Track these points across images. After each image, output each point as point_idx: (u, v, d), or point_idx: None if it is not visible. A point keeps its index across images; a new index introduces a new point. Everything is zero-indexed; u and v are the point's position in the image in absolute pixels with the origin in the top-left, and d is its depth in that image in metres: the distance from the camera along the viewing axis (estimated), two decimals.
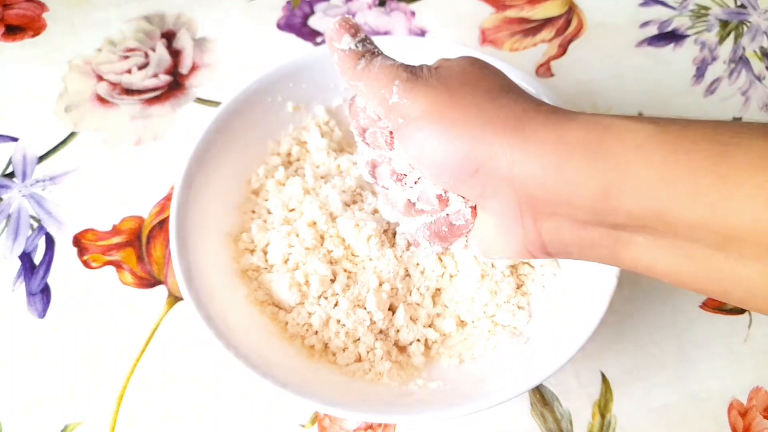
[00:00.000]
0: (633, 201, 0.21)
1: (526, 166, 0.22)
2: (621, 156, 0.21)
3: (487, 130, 0.23)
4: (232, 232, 0.36)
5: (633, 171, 0.20)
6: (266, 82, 0.37)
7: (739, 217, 0.18)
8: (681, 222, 0.20)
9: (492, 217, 0.26)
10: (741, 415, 0.36)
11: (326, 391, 0.30)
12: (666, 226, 0.21)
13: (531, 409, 0.35)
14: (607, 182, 0.21)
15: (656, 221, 0.21)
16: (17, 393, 0.35)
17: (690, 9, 0.53)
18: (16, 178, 0.42)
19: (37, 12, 0.50)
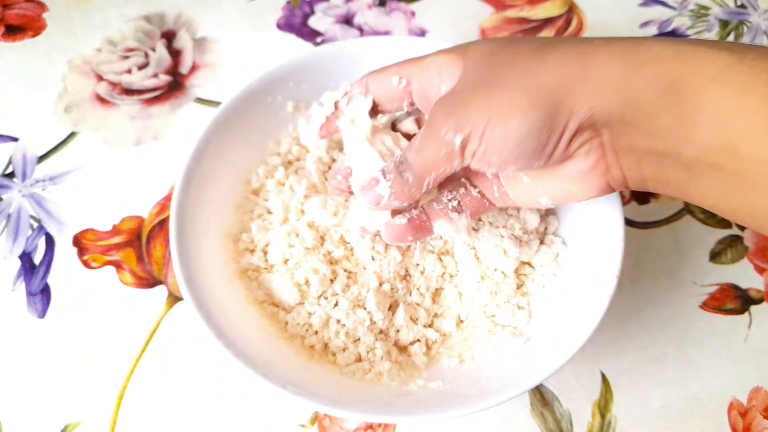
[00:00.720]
0: (708, 133, 0.21)
1: (605, 108, 0.23)
2: (696, 88, 0.21)
3: (555, 92, 0.23)
4: (232, 232, 0.36)
5: (708, 104, 0.20)
6: (266, 82, 0.37)
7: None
8: (752, 158, 0.20)
9: (575, 163, 0.25)
10: (741, 415, 0.36)
11: (326, 391, 0.30)
12: (738, 162, 0.20)
13: (531, 409, 0.35)
14: (684, 115, 0.21)
15: (729, 156, 0.21)
16: (17, 393, 0.35)
17: (690, 9, 0.53)
18: (16, 178, 0.42)
19: (37, 12, 0.50)
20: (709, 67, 0.20)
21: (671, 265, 0.40)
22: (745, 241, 0.41)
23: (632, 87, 0.22)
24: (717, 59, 0.20)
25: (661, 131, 0.22)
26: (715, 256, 0.41)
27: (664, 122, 0.22)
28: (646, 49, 0.22)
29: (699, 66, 0.20)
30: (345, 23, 0.50)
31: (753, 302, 0.39)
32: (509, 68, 0.24)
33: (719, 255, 0.41)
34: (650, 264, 0.40)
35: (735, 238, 0.42)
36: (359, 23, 0.50)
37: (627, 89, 0.22)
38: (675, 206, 0.43)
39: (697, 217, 0.42)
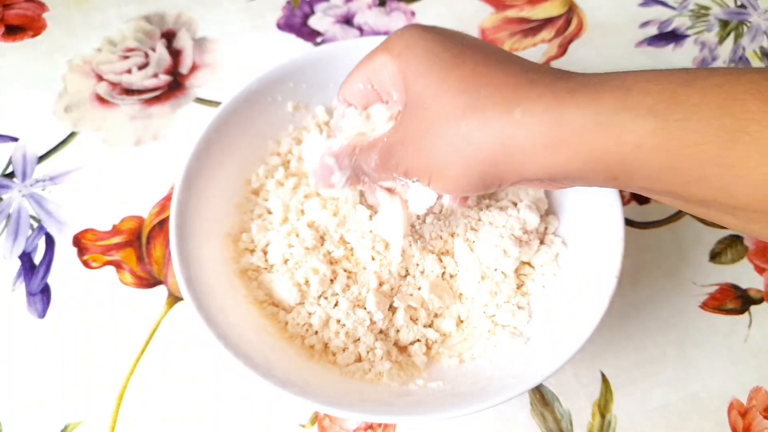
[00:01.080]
0: (646, 184, 0.22)
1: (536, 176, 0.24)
2: (624, 155, 0.21)
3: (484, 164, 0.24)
4: (232, 232, 0.36)
5: (639, 165, 0.21)
6: (266, 82, 0.37)
7: (744, 195, 0.20)
8: (693, 198, 0.21)
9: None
10: (741, 415, 0.36)
11: (326, 391, 0.30)
12: (680, 197, 0.22)
13: (531, 409, 0.35)
14: (615, 173, 0.22)
15: (670, 194, 0.22)
16: (17, 393, 0.35)
17: (690, 9, 0.53)
18: (16, 178, 0.42)
19: (37, 12, 0.50)
20: (634, 137, 0.20)
21: (671, 265, 0.40)
22: (745, 241, 0.41)
23: (556, 164, 0.22)
24: (642, 127, 0.20)
25: (603, 185, 0.23)
26: (715, 256, 0.41)
27: (602, 183, 0.23)
28: (569, 123, 0.22)
29: (624, 137, 0.21)
30: (345, 23, 0.50)
31: (753, 302, 0.39)
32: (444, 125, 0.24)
33: (719, 255, 0.41)
34: (650, 264, 0.40)
35: (735, 238, 0.42)
36: (359, 23, 0.51)
37: (553, 166, 0.23)
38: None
39: (696, 217, 0.42)
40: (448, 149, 0.24)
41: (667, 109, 0.20)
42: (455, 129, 0.24)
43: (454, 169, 0.25)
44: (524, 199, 0.36)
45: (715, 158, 0.19)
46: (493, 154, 0.23)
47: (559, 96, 0.22)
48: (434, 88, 0.25)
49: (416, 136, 0.25)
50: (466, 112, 0.24)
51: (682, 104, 0.20)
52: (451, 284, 0.35)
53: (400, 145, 0.26)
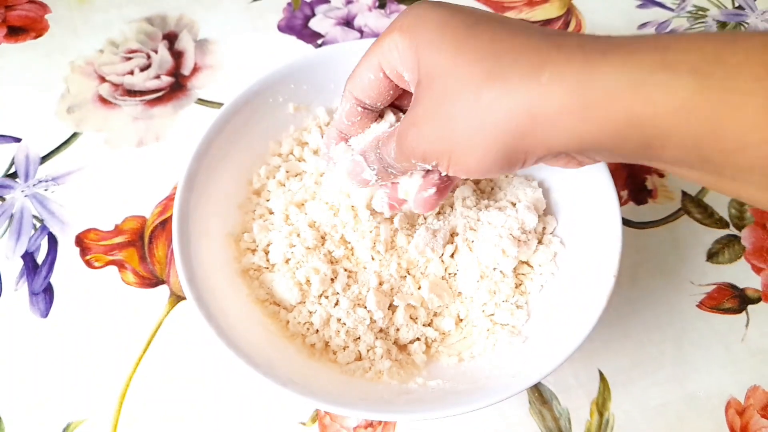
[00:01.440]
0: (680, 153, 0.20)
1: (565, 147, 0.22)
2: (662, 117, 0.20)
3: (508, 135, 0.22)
4: (234, 232, 0.37)
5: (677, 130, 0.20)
6: (267, 83, 0.37)
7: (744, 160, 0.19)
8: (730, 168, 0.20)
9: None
10: (738, 413, 0.36)
11: (327, 390, 0.30)
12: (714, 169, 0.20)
13: (530, 407, 0.36)
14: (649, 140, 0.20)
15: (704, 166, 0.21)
16: (20, 392, 0.35)
17: (688, 10, 0.53)
18: (18, 179, 0.42)
19: (39, 13, 0.50)
20: (670, 98, 0.19)
21: (669, 265, 0.41)
22: (742, 241, 0.42)
23: (587, 131, 0.21)
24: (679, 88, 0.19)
25: (632, 156, 0.22)
26: (713, 255, 0.41)
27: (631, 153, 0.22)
28: (601, 84, 0.20)
29: (659, 98, 0.19)
30: (345, 25, 0.51)
31: (750, 302, 0.40)
32: (463, 95, 0.22)
33: (716, 255, 0.41)
34: (648, 263, 0.41)
35: (732, 237, 0.42)
36: (359, 25, 0.51)
37: (583, 134, 0.21)
38: (672, 206, 0.43)
39: (694, 217, 0.43)
40: (468, 123, 0.22)
41: (710, 66, 0.19)
42: (475, 99, 0.22)
43: (475, 146, 0.23)
44: (523, 200, 0.36)
45: (762, 122, 0.18)
46: (519, 124, 0.21)
47: (590, 57, 0.20)
48: (450, 58, 0.23)
49: (431, 113, 0.23)
50: (488, 79, 0.22)
51: (725, 63, 0.18)
52: (451, 283, 0.35)
53: (414, 126, 0.24)
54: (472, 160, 0.23)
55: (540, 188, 0.37)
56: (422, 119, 0.24)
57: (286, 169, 0.38)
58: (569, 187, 0.37)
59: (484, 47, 0.22)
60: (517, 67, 0.21)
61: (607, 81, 0.20)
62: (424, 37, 0.24)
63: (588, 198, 0.35)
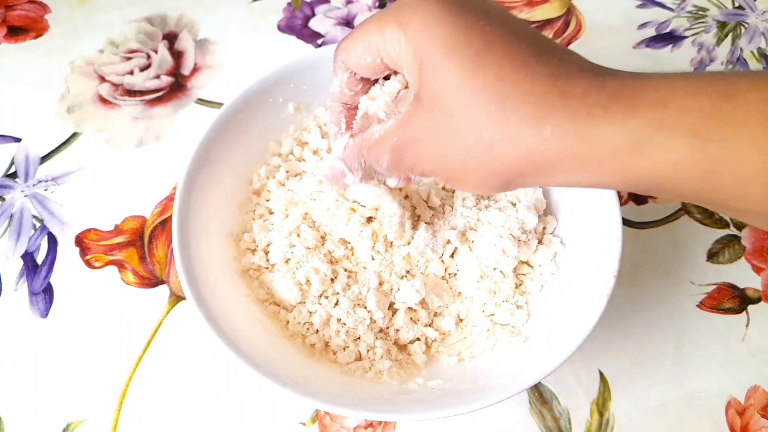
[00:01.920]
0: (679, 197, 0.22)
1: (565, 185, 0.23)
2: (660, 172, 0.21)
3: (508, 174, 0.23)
4: (234, 232, 0.37)
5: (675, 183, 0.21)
6: (267, 83, 0.37)
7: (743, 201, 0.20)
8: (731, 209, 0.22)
9: None
10: (739, 414, 0.36)
11: (327, 390, 0.30)
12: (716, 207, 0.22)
13: (530, 407, 0.36)
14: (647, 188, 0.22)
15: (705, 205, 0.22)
16: (20, 392, 0.35)
17: (688, 10, 0.53)
18: (18, 179, 0.42)
19: (39, 13, 0.50)
20: (668, 156, 0.20)
21: (669, 265, 0.41)
22: (742, 241, 0.42)
23: (585, 179, 0.22)
24: (677, 147, 0.20)
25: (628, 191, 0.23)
26: (713, 255, 0.41)
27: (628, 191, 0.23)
28: (602, 144, 0.21)
29: (658, 157, 0.20)
30: (345, 25, 0.51)
31: (751, 302, 0.40)
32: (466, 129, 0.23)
33: (717, 255, 0.41)
34: (648, 263, 0.41)
35: (732, 237, 0.42)
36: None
37: (581, 181, 0.22)
38: (672, 206, 0.43)
39: (694, 217, 0.43)
40: (469, 156, 0.23)
41: (708, 128, 0.19)
42: (478, 137, 0.22)
43: (475, 175, 0.24)
44: (523, 200, 0.36)
45: (758, 176, 0.19)
46: (518, 166, 0.22)
47: (592, 113, 0.21)
48: (455, 90, 0.23)
49: (433, 139, 0.24)
50: (491, 121, 0.22)
51: (723, 123, 0.19)
52: (451, 283, 0.35)
53: (413, 145, 0.25)
54: (471, 186, 0.24)
55: (540, 188, 0.37)
56: (423, 141, 0.24)
57: (286, 169, 0.38)
58: (569, 188, 0.36)
59: (489, 85, 0.22)
60: (519, 114, 0.21)
61: (608, 141, 0.20)
62: (431, 54, 0.23)
63: (588, 198, 0.35)
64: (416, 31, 0.23)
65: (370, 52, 0.26)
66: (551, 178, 0.22)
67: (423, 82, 0.24)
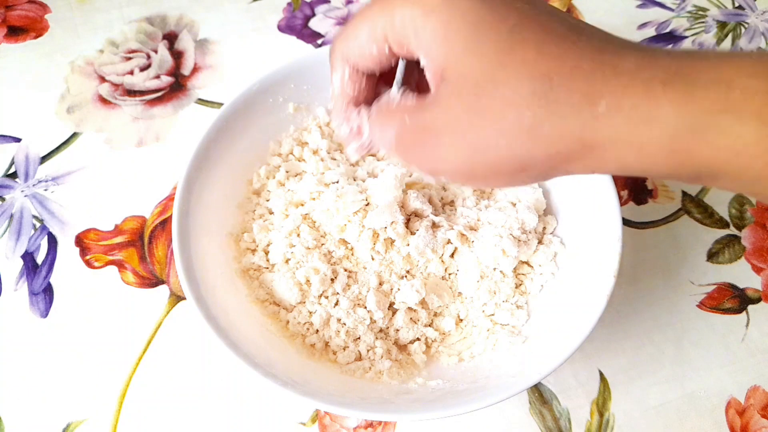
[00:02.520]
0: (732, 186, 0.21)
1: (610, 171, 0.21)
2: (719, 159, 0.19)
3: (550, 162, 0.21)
4: (234, 232, 0.37)
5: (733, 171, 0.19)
6: (267, 83, 0.37)
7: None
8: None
9: None
10: (739, 413, 0.36)
11: (327, 390, 0.30)
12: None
13: (530, 407, 0.36)
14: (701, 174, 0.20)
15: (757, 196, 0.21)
16: (20, 392, 0.35)
17: (688, 10, 0.53)
18: (18, 179, 0.42)
19: (39, 13, 0.50)
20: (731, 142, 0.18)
21: (669, 265, 0.41)
22: (742, 241, 0.42)
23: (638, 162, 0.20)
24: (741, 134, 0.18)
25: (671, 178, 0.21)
26: (713, 255, 0.41)
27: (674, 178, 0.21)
28: (661, 124, 0.19)
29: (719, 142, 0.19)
30: None
31: (751, 302, 0.40)
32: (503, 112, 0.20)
33: (716, 255, 0.41)
34: (648, 263, 0.41)
35: (732, 237, 0.42)
36: None
37: (633, 164, 0.20)
38: (672, 206, 0.43)
39: (694, 217, 0.43)
40: (504, 142, 0.20)
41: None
42: (518, 121, 0.20)
43: (509, 165, 0.21)
44: (523, 200, 0.36)
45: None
46: (567, 149, 0.20)
47: (650, 89, 0.19)
48: (490, 70, 0.20)
49: (459, 126, 0.21)
50: (534, 101, 0.20)
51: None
52: (451, 283, 0.35)
53: (430, 134, 0.22)
54: (500, 181, 0.22)
55: (540, 188, 0.37)
56: (445, 129, 0.22)
57: (286, 169, 0.38)
58: (569, 187, 0.37)
59: (530, 62, 0.20)
60: (569, 89, 0.20)
61: (667, 121, 0.19)
62: (458, 31, 0.20)
63: (588, 198, 0.35)
64: (437, 6, 0.21)
65: (376, 39, 0.23)
66: (601, 162, 0.20)
67: (449, 61, 0.21)
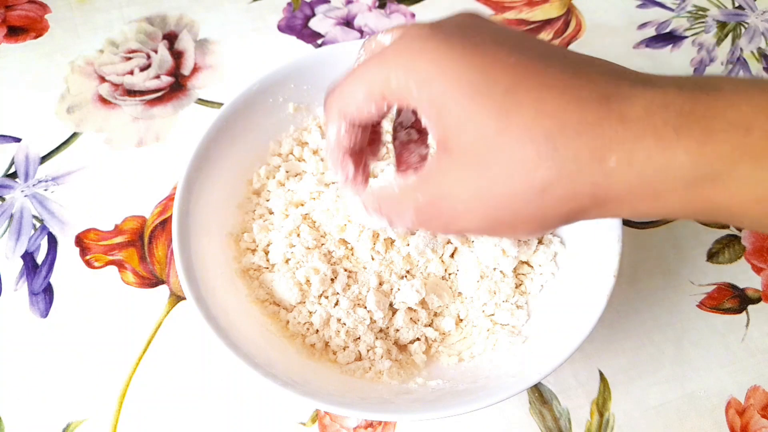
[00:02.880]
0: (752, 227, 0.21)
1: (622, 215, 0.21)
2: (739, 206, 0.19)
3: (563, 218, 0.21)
4: (234, 232, 0.37)
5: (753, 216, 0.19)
6: (267, 83, 0.37)
7: None
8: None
9: None
10: (739, 413, 0.36)
11: (327, 390, 0.30)
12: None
13: (530, 407, 0.36)
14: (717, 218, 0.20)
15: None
16: (20, 392, 0.35)
17: (688, 10, 0.53)
18: (18, 179, 0.42)
19: (39, 13, 0.50)
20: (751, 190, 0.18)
21: (669, 265, 0.41)
22: (742, 241, 0.42)
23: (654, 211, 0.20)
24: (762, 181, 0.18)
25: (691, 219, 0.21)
26: (713, 255, 0.41)
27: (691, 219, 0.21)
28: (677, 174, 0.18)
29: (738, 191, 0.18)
30: (345, 25, 0.51)
31: (751, 302, 0.40)
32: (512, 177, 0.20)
33: (717, 254, 0.41)
34: (648, 263, 0.41)
35: (732, 237, 0.42)
36: (360, 25, 0.51)
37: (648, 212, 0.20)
38: None
39: None
40: (519, 202, 0.20)
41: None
42: (528, 180, 0.20)
43: (529, 221, 0.21)
44: None
45: None
46: (579, 205, 0.20)
47: (662, 137, 0.18)
48: (493, 134, 0.20)
49: (471, 192, 0.21)
50: (542, 162, 0.19)
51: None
52: (451, 283, 0.35)
53: (445, 202, 0.22)
54: (523, 232, 0.22)
55: None
56: (457, 195, 0.21)
57: (286, 169, 0.38)
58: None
59: (529, 124, 0.19)
60: (577, 148, 0.19)
61: (683, 171, 0.18)
62: (454, 102, 0.20)
63: None
64: (428, 76, 0.21)
65: (374, 99, 0.23)
66: (617, 211, 0.20)
67: (449, 131, 0.21)
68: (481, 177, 0.21)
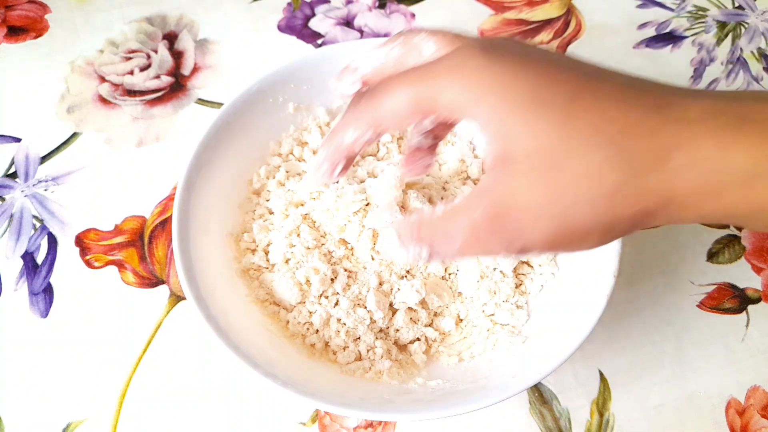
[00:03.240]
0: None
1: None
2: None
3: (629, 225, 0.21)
4: (234, 232, 0.37)
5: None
6: (267, 83, 0.37)
7: None
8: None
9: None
10: (739, 414, 0.36)
11: (327, 390, 0.30)
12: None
13: (530, 407, 0.36)
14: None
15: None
16: (20, 391, 0.35)
17: (688, 10, 0.53)
18: (18, 179, 0.43)
19: (39, 13, 0.50)
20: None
21: (669, 265, 0.41)
22: (742, 241, 0.42)
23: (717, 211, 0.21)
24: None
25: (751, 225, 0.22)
26: (713, 255, 0.41)
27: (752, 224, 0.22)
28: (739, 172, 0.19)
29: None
30: (345, 25, 0.51)
31: (751, 302, 0.40)
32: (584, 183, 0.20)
33: (717, 254, 0.41)
34: (648, 263, 0.41)
35: (732, 237, 0.42)
36: (359, 25, 0.51)
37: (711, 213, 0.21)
38: None
39: None
40: (589, 208, 0.21)
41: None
42: (598, 188, 0.20)
43: (600, 228, 0.21)
44: None
45: None
46: (646, 208, 0.21)
47: (721, 138, 0.19)
48: (557, 144, 0.20)
49: (539, 203, 0.21)
50: (610, 165, 0.20)
51: None
52: (451, 283, 0.35)
53: (509, 217, 0.21)
54: (594, 241, 0.22)
55: None
56: (525, 206, 0.21)
57: (286, 169, 0.38)
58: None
59: (595, 130, 0.20)
60: (643, 150, 0.20)
61: (743, 169, 0.19)
62: (517, 115, 0.21)
63: None
64: (487, 91, 0.21)
65: (421, 112, 0.23)
66: (682, 213, 0.21)
67: (511, 142, 0.21)
68: (550, 183, 0.21)
